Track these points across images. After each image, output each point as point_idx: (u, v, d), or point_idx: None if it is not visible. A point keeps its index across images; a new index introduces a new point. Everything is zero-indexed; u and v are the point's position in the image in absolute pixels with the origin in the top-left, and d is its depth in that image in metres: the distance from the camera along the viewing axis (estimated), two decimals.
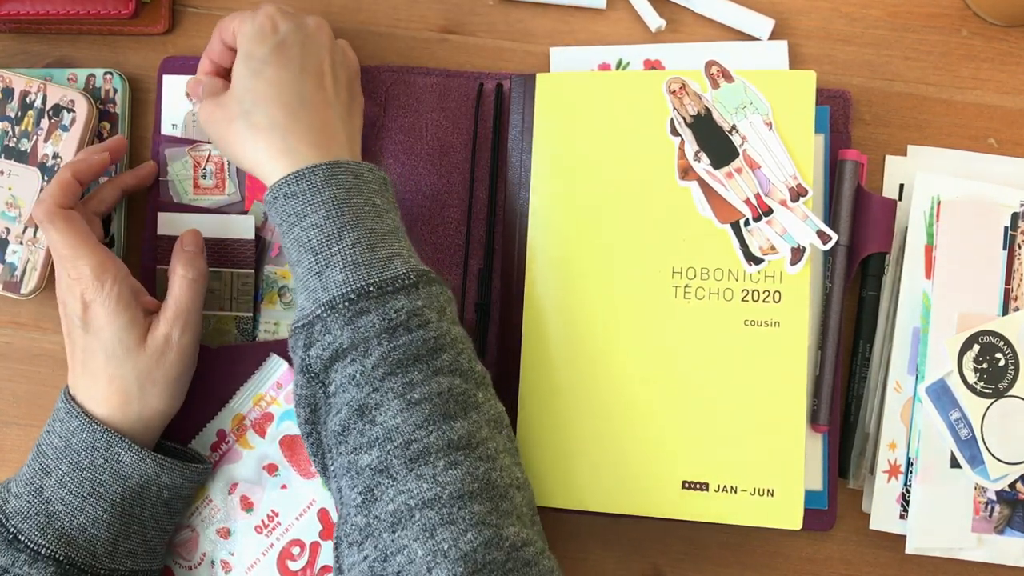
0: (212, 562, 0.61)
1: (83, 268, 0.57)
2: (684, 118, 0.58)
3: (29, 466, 0.57)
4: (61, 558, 0.54)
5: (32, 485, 0.56)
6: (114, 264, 0.58)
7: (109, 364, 0.57)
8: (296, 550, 0.61)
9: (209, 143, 0.66)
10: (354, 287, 0.52)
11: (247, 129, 0.57)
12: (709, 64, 0.62)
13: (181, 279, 0.60)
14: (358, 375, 0.51)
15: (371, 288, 0.52)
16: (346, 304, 0.52)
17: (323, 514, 0.61)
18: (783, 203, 0.61)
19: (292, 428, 0.62)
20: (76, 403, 0.58)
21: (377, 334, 0.51)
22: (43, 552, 0.54)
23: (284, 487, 0.62)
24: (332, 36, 0.61)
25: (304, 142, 0.56)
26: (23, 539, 0.54)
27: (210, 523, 0.62)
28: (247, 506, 0.62)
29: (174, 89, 0.67)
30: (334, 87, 0.59)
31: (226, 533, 0.62)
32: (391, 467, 0.50)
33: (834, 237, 0.61)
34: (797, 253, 0.61)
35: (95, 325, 0.57)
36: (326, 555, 0.61)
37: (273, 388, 0.63)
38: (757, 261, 0.61)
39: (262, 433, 0.62)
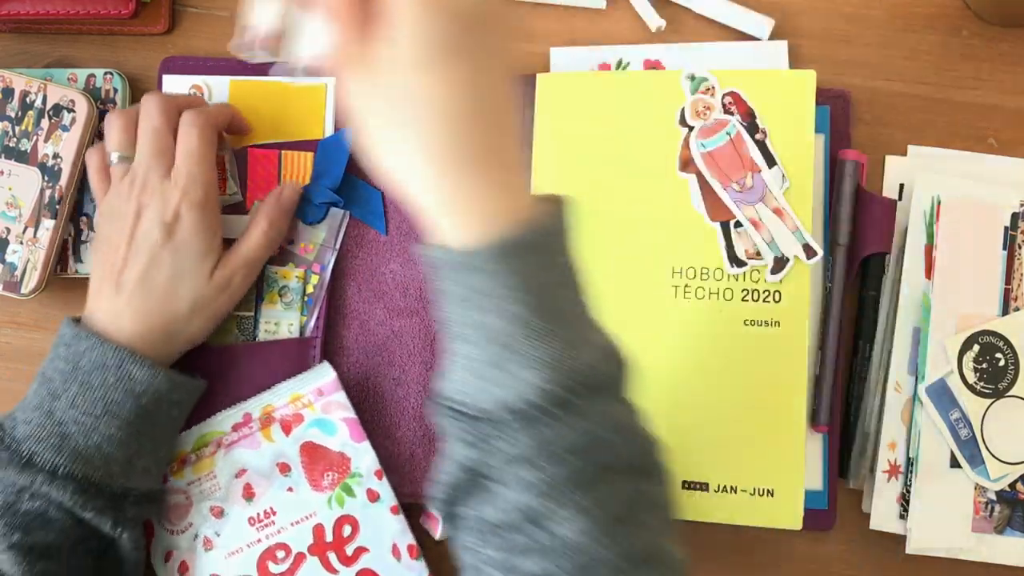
0: (196, 535, 0.61)
1: (198, 183, 0.58)
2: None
3: (35, 393, 0.57)
4: (79, 476, 0.54)
5: (41, 410, 0.56)
6: (217, 198, 0.60)
7: (172, 281, 0.58)
8: (281, 554, 0.61)
9: None
10: (548, 391, 0.43)
11: (412, 150, 0.43)
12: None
13: (263, 234, 0.62)
14: (536, 481, 0.44)
15: (565, 395, 0.44)
16: (536, 412, 0.43)
17: (318, 529, 0.61)
18: (777, 211, 0.62)
19: (318, 436, 0.62)
20: (85, 326, 0.58)
21: (571, 448, 0.44)
22: (60, 471, 0.54)
23: (290, 490, 0.61)
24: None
25: (492, 186, 0.44)
26: (38, 460, 0.54)
27: (207, 498, 0.61)
28: (248, 495, 0.61)
29: (174, 89, 0.67)
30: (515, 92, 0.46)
31: (219, 513, 0.61)
32: None
33: (819, 253, 0.61)
34: (780, 263, 0.61)
35: (180, 237, 0.58)
36: (308, 569, 0.61)
37: (313, 393, 0.62)
38: (740, 264, 0.62)
39: (287, 430, 0.62)
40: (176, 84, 0.67)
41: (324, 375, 0.63)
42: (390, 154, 0.44)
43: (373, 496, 0.62)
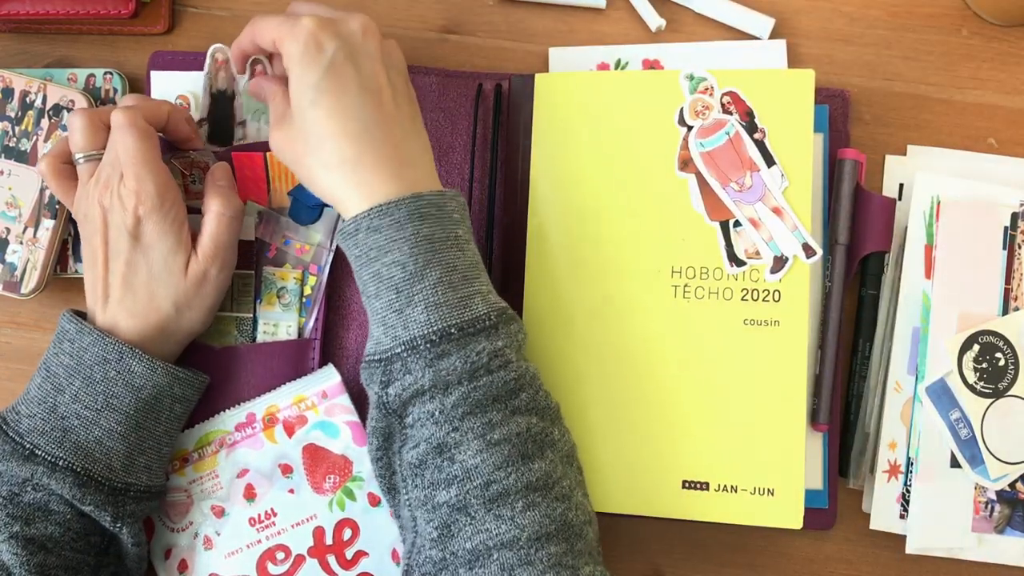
0: (196, 533, 0.61)
1: (148, 183, 0.57)
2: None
3: (39, 388, 0.57)
4: (78, 469, 0.55)
5: (45, 404, 0.56)
6: (175, 188, 0.59)
7: (151, 281, 0.58)
8: (280, 555, 0.61)
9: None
10: (436, 328, 0.52)
11: (319, 167, 0.55)
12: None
13: (219, 216, 0.60)
14: (437, 413, 0.52)
15: (453, 330, 0.52)
16: (428, 345, 0.52)
17: (318, 532, 0.61)
18: (776, 211, 0.62)
19: (321, 438, 0.62)
20: (89, 323, 0.58)
21: (459, 376, 0.52)
22: (60, 464, 0.55)
23: (291, 492, 0.61)
24: (380, 38, 0.57)
25: (378, 174, 0.54)
26: (40, 453, 0.55)
27: (208, 497, 0.62)
28: (249, 495, 0.61)
29: (164, 86, 0.67)
30: (394, 101, 0.57)
31: (220, 512, 0.61)
32: (469, 506, 0.51)
33: (819, 252, 0.61)
34: (779, 262, 0.61)
35: (146, 240, 0.58)
36: (308, 571, 0.61)
37: (317, 396, 0.62)
38: (740, 263, 0.62)
39: (290, 432, 0.62)
40: (165, 80, 0.67)
41: (329, 377, 0.63)
42: (308, 177, 0.56)
43: (374, 500, 0.62)
